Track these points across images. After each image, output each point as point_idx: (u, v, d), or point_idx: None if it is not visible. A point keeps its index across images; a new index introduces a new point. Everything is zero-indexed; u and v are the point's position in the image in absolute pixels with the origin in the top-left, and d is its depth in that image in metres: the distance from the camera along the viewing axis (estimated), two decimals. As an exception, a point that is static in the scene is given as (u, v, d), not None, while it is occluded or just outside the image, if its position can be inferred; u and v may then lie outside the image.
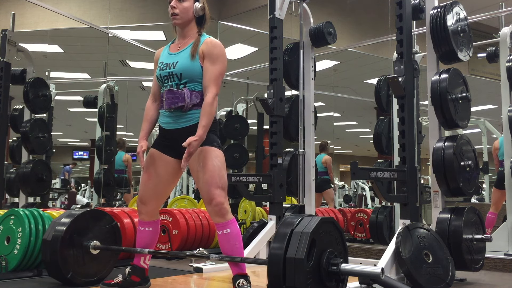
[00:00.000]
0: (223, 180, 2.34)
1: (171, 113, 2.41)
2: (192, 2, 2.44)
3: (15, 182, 5.30)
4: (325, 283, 1.93)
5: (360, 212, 5.79)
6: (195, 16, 2.45)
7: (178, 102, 2.37)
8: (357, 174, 2.76)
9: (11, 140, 5.79)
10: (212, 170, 2.33)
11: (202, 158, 2.35)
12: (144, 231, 2.55)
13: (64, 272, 2.58)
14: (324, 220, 2.00)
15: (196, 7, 2.44)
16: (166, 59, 2.48)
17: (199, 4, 2.45)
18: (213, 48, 2.38)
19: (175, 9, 2.42)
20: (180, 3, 2.42)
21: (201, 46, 2.39)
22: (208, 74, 2.36)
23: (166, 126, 2.46)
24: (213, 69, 2.36)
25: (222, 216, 2.29)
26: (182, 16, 2.42)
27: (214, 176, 2.32)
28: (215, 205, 2.28)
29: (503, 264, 3.61)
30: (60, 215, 2.78)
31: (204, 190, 2.32)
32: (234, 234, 2.33)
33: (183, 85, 2.39)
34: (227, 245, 2.33)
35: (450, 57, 3.04)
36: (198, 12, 2.45)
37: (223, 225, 2.31)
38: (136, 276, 2.55)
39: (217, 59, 2.38)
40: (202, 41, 2.42)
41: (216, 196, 2.29)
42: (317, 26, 3.85)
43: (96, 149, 6.40)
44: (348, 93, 9.64)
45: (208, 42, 2.40)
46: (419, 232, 2.71)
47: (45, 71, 6.66)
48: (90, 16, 6.76)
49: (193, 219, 4.19)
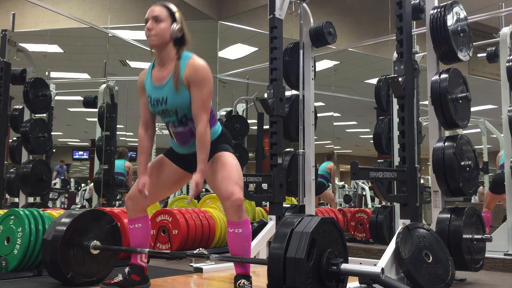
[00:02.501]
0: (242, 179, 2.35)
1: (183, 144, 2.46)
2: (170, 23, 2.34)
3: (15, 182, 5.30)
4: (325, 283, 1.93)
5: (360, 212, 5.79)
6: (172, 38, 2.35)
7: (189, 139, 2.42)
8: (357, 174, 2.76)
9: (11, 140, 5.79)
10: (231, 167, 2.34)
11: (217, 161, 2.37)
12: (135, 228, 2.56)
13: (64, 272, 2.58)
14: (324, 220, 2.00)
15: (174, 29, 2.33)
16: (153, 93, 2.40)
17: (176, 25, 2.34)
18: (196, 73, 2.29)
19: (151, 31, 2.32)
20: (157, 24, 2.33)
21: (184, 72, 2.31)
22: (195, 102, 2.30)
23: (179, 151, 2.51)
24: (200, 95, 2.30)
25: (239, 213, 2.26)
26: (159, 37, 2.32)
27: (233, 172, 2.33)
28: (234, 200, 2.24)
29: (503, 264, 3.61)
30: (60, 215, 2.78)
31: (223, 186, 2.29)
32: (245, 235, 2.31)
33: (184, 118, 2.38)
34: (235, 244, 2.32)
35: (450, 57, 3.04)
36: (175, 33, 2.34)
37: (236, 224, 2.28)
38: (136, 275, 2.55)
39: (202, 83, 2.30)
40: (184, 65, 2.32)
41: (236, 192, 2.26)
42: (317, 26, 3.85)
43: (96, 149, 6.40)
44: (348, 93, 9.64)
45: (190, 67, 2.31)
46: (419, 232, 2.71)
47: (45, 71, 6.65)
48: (90, 16, 6.76)
49: (193, 219, 4.19)
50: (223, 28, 7.57)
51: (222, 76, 7.47)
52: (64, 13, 5.45)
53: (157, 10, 2.35)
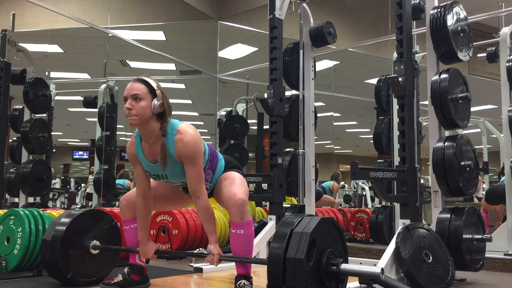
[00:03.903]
0: (246, 187, 2.40)
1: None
2: (150, 99, 2.26)
3: (15, 182, 5.30)
4: (325, 283, 1.93)
5: (360, 212, 5.79)
6: (154, 114, 2.27)
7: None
8: (357, 174, 2.76)
9: (11, 140, 5.79)
10: (234, 178, 2.42)
11: (222, 177, 2.45)
12: (130, 229, 2.57)
13: (64, 272, 2.58)
14: (324, 220, 2.00)
15: (155, 105, 2.25)
16: (152, 170, 2.38)
17: (157, 101, 2.25)
18: (185, 149, 2.26)
19: (131, 110, 2.24)
20: (137, 102, 2.24)
21: (174, 151, 2.27)
22: (191, 177, 2.30)
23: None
24: (194, 170, 2.29)
25: (241, 213, 2.28)
26: (140, 116, 2.24)
27: (237, 179, 2.41)
28: (236, 200, 2.28)
29: (503, 264, 3.61)
30: (60, 215, 2.78)
31: (226, 189, 2.35)
32: (247, 236, 2.33)
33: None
34: (237, 245, 2.34)
35: (450, 57, 3.04)
36: (157, 109, 2.26)
37: (238, 225, 2.30)
38: (136, 275, 2.55)
39: (194, 158, 2.28)
40: (172, 142, 2.27)
41: (239, 193, 2.30)
42: (317, 26, 3.85)
43: (96, 149, 6.40)
44: (348, 93, 9.64)
45: (178, 143, 2.27)
46: (419, 232, 2.71)
47: (45, 71, 6.65)
48: (90, 16, 6.76)
49: (193, 219, 4.19)
50: (223, 28, 7.57)
51: (222, 76, 7.46)
52: (64, 13, 5.45)
53: (136, 87, 2.26)
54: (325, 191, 7.52)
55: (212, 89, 7.64)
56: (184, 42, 8.13)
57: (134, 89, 2.26)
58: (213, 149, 2.53)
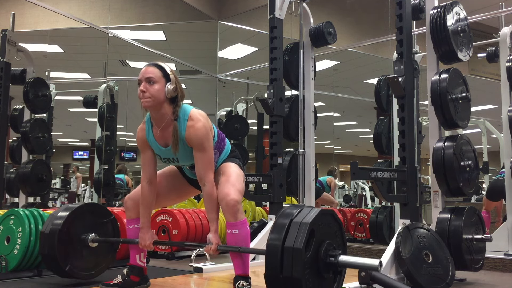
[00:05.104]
0: (241, 185, 2.39)
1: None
2: (164, 83, 2.31)
3: (15, 182, 5.30)
4: (323, 274, 1.91)
5: (360, 212, 5.79)
6: (167, 98, 2.32)
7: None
8: (357, 174, 2.76)
9: (11, 140, 5.79)
10: (231, 173, 2.41)
11: (220, 169, 2.45)
12: (134, 228, 2.57)
13: (62, 265, 2.57)
14: (324, 212, 1.98)
15: (168, 89, 2.30)
16: (162, 154, 2.41)
17: (171, 85, 2.31)
18: (196, 136, 2.30)
19: (145, 93, 2.28)
20: (151, 85, 2.29)
21: (185, 135, 2.31)
22: (200, 163, 2.32)
23: (190, 176, 2.60)
24: (203, 156, 2.32)
25: (234, 214, 2.28)
26: (154, 99, 2.29)
27: (233, 176, 2.39)
28: (229, 201, 2.27)
29: (503, 264, 3.61)
30: (58, 209, 2.78)
31: (220, 188, 2.34)
32: (242, 236, 2.33)
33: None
34: (233, 245, 2.34)
35: (450, 57, 3.04)
36: (170, 93, 2.31)
37: (233, 225, 2.31)
38: (135, 276, 2.55)
39: (204, 145, 2.32)
40: (183, 127, 2.32)
41: (231, 193, 2.29)
42: (317, 26, 3.85)
43: (96, 149, 6.40)
44: (348, 93, 9.63)
45: (189, 128, 2.31)
46: (419, 232, 2.71)
47: (45, 71, 6.65)
48: (90, 16, 6.76)
49: (193, 219, 4.19)
50: (223, 28, 7.56)
51: (222, 76, 7.46)
52: (64, 13, 5.45)
53: (150, 71, 2.31)
54: (323, 186, 7.44)
55: (212, 89, 7.63)
56: (184, 42, 8.12)
57: (148, 72, 2.31)
58: (221, 133, 2.57)
